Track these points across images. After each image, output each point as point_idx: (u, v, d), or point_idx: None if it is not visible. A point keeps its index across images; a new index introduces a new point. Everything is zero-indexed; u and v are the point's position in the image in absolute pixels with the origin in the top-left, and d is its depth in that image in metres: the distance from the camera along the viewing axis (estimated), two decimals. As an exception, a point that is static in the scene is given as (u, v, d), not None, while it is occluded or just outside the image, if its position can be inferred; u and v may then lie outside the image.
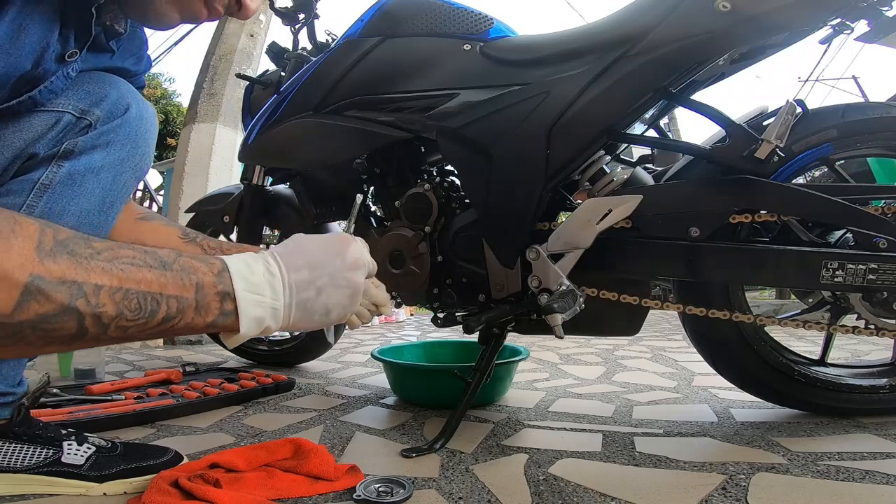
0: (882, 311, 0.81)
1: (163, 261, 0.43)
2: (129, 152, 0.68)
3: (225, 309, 0.45)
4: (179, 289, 0.42)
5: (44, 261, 0.35)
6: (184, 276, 0.43)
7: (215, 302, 0.44)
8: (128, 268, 0.40)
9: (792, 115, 0.81)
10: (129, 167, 0.69)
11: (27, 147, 0.62)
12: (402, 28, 0.95)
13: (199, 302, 0.43)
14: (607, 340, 2.22)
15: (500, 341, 0.95)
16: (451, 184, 1.06)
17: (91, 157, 0.64)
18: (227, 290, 0.45)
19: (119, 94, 0.68)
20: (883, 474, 0.69)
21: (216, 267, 0.46)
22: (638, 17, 0.82)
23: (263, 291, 0.47)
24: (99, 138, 0.65)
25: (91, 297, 0.37)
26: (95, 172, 0.65)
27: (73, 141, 0.63)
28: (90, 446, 0.70)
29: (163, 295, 0.41)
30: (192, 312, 0.43)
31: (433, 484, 0.69)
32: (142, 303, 0.40)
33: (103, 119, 0.66)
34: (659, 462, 0.76)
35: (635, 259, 0.86)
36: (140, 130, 0.70)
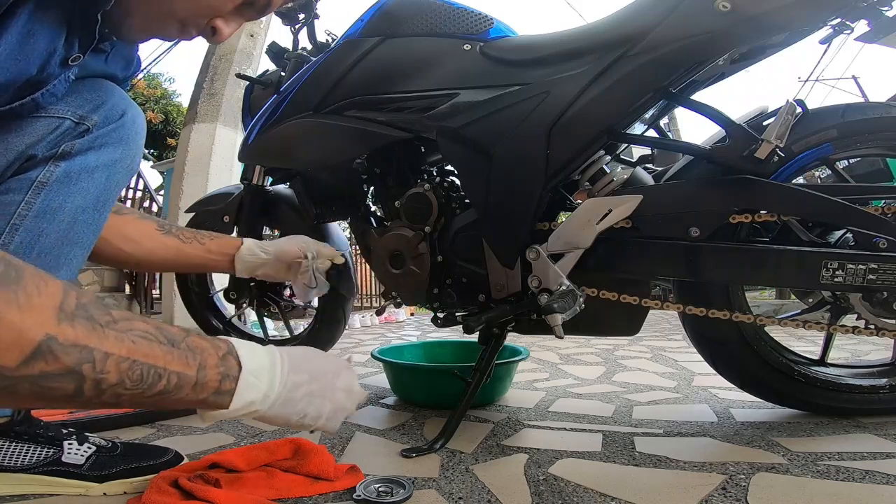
0: (882, 311, 0.81)
1: (172, 338, 0.45)
2: (122, 154, 0.71)
3: (222, 388, 0.48)
4: (183, 366, 0.45)
5: (61, 323, 0.37)
6: (189, 354, 0.46)
7: (214, 381, 0.47)
8: (139, 340, 0.42)
9: (792, 115, 0.81)
10: (122, 167, 0.72)
11: (27, 149, 0.64)
12: (402, 28, 0.95)
13: (199, 380, 0.46)
14: (607, 340, 2.22)
15: (500, 341, 0.95)
16: (451, 184, 1.06)
17: (86, 158, 0.67)
18: (228, 372, 0.48)
19: (115, 101, 0.71)
20: (883, 474, 0.69)
21: (221, 350, 0.49)
22: (638, 17, 0.82)
23: (261, 378, 0.51)
24: (94, 141, 0.68)
25: (98, 364, 0.39)
26: (90, 172, 0.67)
27: (70, 143, 0.66)
28: (90, 446, 0.71)
29: (166, 370, 0.43)
30: (188, 388, 0.45)
31: (433, 484, 0.69)
32: (144, 374, 0.42)
33: (100, 124, 0.68)
34: (659, 462, 0.76)
35: (635, 259, 0.86)
36: (133, 133, 0.73)
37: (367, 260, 1.12)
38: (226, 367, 0.48)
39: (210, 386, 0.47)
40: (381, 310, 1.25)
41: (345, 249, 1.43)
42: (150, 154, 11.26)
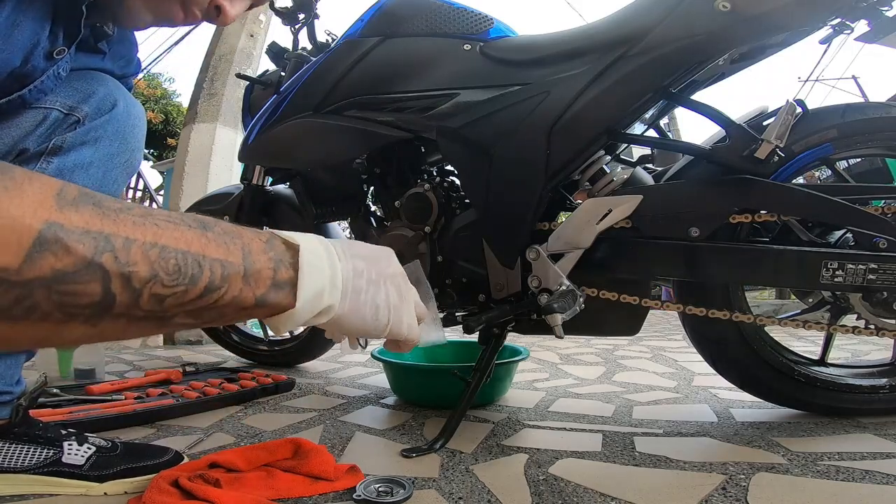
0: (882, 311, 0.81)
1: (202, 222, 0.36)
2: (118, 148, 0.68)
3: (279, 279, 0.38)
4: (224, 252, 0.35)
5: (63, 209, 0.29)
6: (227, 238, 0.36)
7: (267, 269, 0.37)
8: (164, 223, 0.33)
9: (792, 115, 0.81)
10: (119, 163, 0.68)
11: (17, 143, 0.62)
12: (401, 28, 0.95)
13: (247, 269, 0.36)
14: (607, 340, 2.22)
15: (500, 341, 0.95)
16: (451, 184, 1.06)
17: (80, 153, 0.64)
18: (280, 256, 0.38)
19: (106, 91, 0.68)
20: (883, 474, 0.69)
21: (263, 235, 0.39)
22: (638, 17, 0.82)
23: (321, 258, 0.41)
24: (87, 134, 0.65)
25: (120, 253, 0.30)
26: (85, 168, 0.65)
27: (61, 137, 0.63)
28: (90, 446, 0.70)
29: (205, 257, 0.34)
30: (240, 281, 0.36)
31: (433, 484, 0.69)
32: (181, 264, 0.33)
33: (91, 115, 0.65)
34: (659, 462, 0.76)
35: (635, 259, 0.86)
36: (128, 126, 0.69)
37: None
38: (275, 252, 0.38)
39: (264, 276, 0.37)
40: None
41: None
42: (150, 154, 11.27)
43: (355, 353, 1.97)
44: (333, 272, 0.41)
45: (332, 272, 0.41)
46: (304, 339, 1.58)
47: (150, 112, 11.28)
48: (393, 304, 0.47)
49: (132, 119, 0.70)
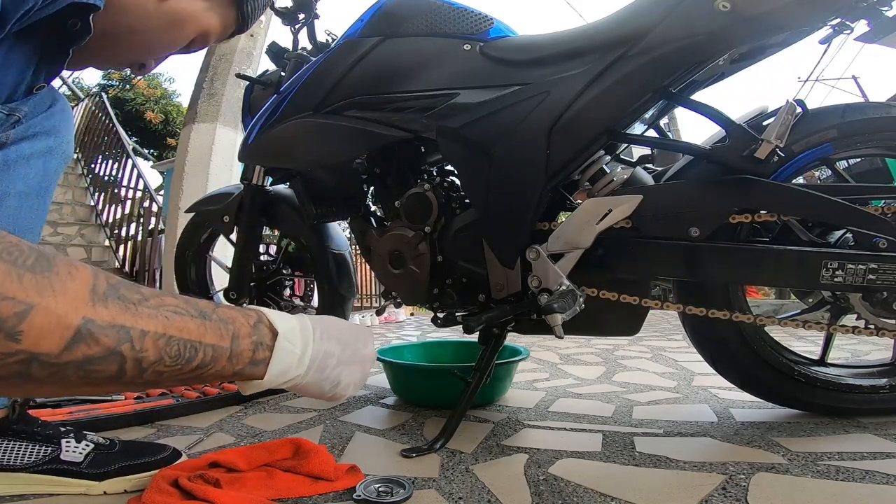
0: (882, 311, 0.81)
1: (203, 311, 0.45)
2: (54, 141, 0.73)
3: (256, 358, 0.47)
4: (217, 338, 0.45)
5: (96, 305, 0.37)
6: (222, 325, 0.45)
7: (248, 351, 0.47)
8: (172, 315, 0.42)
9: (792, 115, 0.81)
10: (57, 154, 0.74)
11: None
12: (401, 28, 0.95)
13: (233, 350, 0.46)
14: (607, 340, 2.22)
15: (500, 341, 0.95)
16: (451, 184, 1.06)
17: (20, 146, 0.69)
18: (261, 339, 0.48)
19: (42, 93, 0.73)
20: (883, 474, 0.69)
21: (252, 318, 0.49)
22: (638, 17, 0.82)
23: (295, 343, 0.50)
24: (27, 130, 0.70)
25: (136, 342, 0.39)
26: (26, 159, 0.70)
27: (4, 134, 0.68)
28: (88, 443, 0.71)
29: (202, 343, 0.43)
30: (224, 360, 0.45)
31: (433, 484, 0.69)
32: (182, 350, 0.42)
33: (29, 114, 0.70)
34: (659, 462, 0.76)
35: (635, 259, 0.86)
36: (62, 122, 0.75)
37: (367, 260, 1.12)
38: (258, 335, 0.48)
39: (245, 356, 0.46)
40: (381, 310, 1.25)
41: (345, 249, 1.44)
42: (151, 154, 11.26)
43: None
44: (304, 352, 0.51)
45: (302, 353, 0.51)
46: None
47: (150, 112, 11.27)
48: (354, 382, 0.57)
49: (65, 115, 0.77)
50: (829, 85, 8.39)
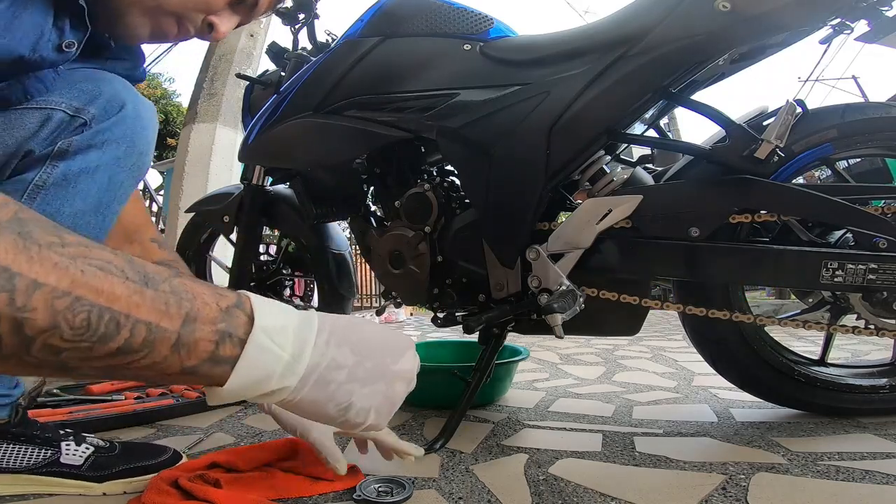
0: (882, 311, 0.81)
1: (147, 275, 0.33)
2: (125, 151, 0.67)
3: (220, 354, 0.35)
4: (158, 314, 0.32)
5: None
6: (171, 299, 0.33)
7: (207, 342, 0.34)
8: (92, 270, 0.30)
9: (792, 115, 0.81)
10: (126, 166, 0.68)
11: (22, 145, 0.61)
12: (401, 28, 0.95)
13: (181, 338, 0.33)
14: (607, 340, 2.22)
15: (500, 341, 0.95)
16: (451, 184, 1.06)
17: (86, 156, 0.63)
18: (231, 330, 0.35)
19: (114, 91, 0.67)
20: (883, 474, 0.69)
21: (228, 299, 0.36)
22: (638, 17, 0.82)
23: (284, 342, 0.37)
24: (94, 137, 0.64)
25: (19, 295, 0.27)
26: (90, 173, 0.64)
27: (67, 140, 0.63)
28: (88, 446, 0.70)
29: (129, 317, 0.31)
30: (167, 349, 0.33)
31: (433, 484, 0.69)
32: (92, 320, 0.30)
33: (98, 117, 0.65)
34: (659, 462, 0.76)
35: (635, 259, 0.86)
36: (137, 128, 0.68)
37: (367, 260, 1.12)
38: (229, 323, 0.35)
39: (201, 348, 0.34)
40: (381, 310, 1.25)
41: (345, 249, 1.44)
42: (150, 154, 11.25)
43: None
44: (297, 358, 0.37)
45: (294, 357, 0.37)
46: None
47: (150, 112, 11.24)
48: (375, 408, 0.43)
49: (141, 121, 0.69)
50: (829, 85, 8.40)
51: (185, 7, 0.62)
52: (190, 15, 0.63)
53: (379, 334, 0.45)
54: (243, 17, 0.70)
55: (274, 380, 0.37)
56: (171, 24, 0.63)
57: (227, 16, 0.67)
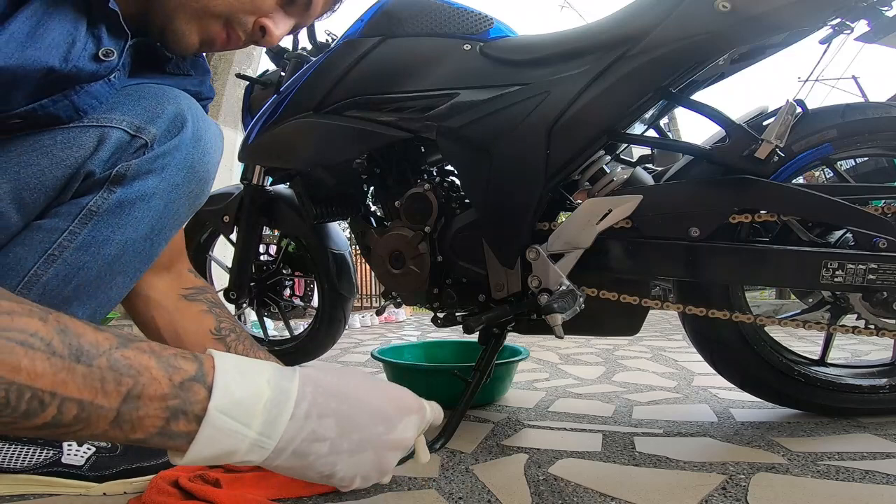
0: (882, 311, 0.81)
1: (80, 349, 0.32)
2: (184, 178, 0.63)
3: (170, 430, 0.34)
4: (90, 392, 0.31)
5: None
6: (107, 375, 0.32)
7: (155, 419, 0.33)
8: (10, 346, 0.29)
9: (792, 115, 0.81)
10: (184, 194, 0.64)
11: (81, 166, 0.58)
12: (401, 28, 0.95)
13: (122, 414, 0.33)
14: (607, 340, 2.22)
15: (500, 341, 0.95)
16: (451, 184, 1.06)
17: (144, 182, 0.60)
18: (186, 407, 0.34)
19: (177, 110, 0.63)
20: (883, 474, 0.69)
21: (184, 372, 0.35)
22: (638, 18, 0.82)
23: (251, 420, 0.36)
24: (154, 162, 0.60)
25: None
26: (146, 200, 0.60)
27: (126, 164, 0.59)
28: (90, 446, 0.70)
29: (55, 395, 0.30)
30: (104, 423, 0.32)
31: (433, 484, 0.69)
32: (11, 397, 0.29)
33: (159, 138, 0.61)
34: (659, 462, 0.76)
35: (635, 259, 0.86)
36: (198, 153, 0.64)
37: (367, 260, 1.12)
38: (183, 399, 0.34)
39: (147, 424, 0.33)
40: (381, 310, 1.25)
41: (345, 249, 1.44)
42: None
43: (356, 354, 1.97)
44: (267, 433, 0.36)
45: (261, 434, 0.36)
46: (304, 339, 1.58)
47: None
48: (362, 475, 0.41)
49: (203, 144, 0.65)
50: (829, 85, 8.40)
51: (233, 9, 0.60)
52: (238, 18, 0.61)
53: (374, 399, 0.42)
54: (298, 20, 0.67)
55: (239, 454, 0.36)
56: (219, 29, 0.61)
57: (279, 18, 0.64)
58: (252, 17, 0.62)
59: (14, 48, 0.50)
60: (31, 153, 0.56)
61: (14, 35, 0.50)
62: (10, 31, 0.50)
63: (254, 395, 0.36)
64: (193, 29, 0.60)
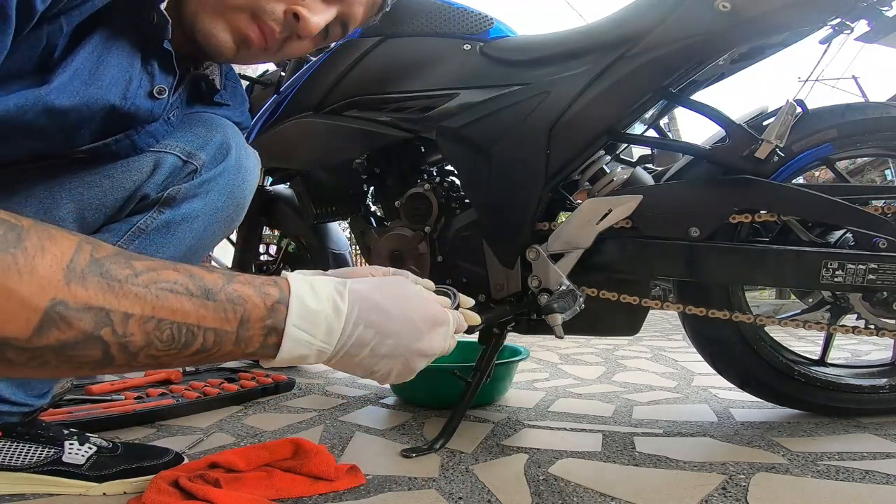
0: (882, 311, 0.81)
1: (206, 288, 0.39)
2: (224, 202, 0.67)
3: (268, 342, 0.42)
4: (220, 321, 0.39)
5: (70, 284, 0.33)
6: (228, 307, 0.40)
7: (258, 336, 0.41)
8: (165, 294, 0.37)
9: (792, 115, 0.81)
10: (223, 217, 0.68)
11: (139, 188, 0.62)
12: (402, 28, 0.95)
13: (240, 335, 0.40)
14: (607, 340, 2.22)
15: (500, 341, 0.95)
16: (451, 184, 1.06)
17: (190, 204, 0.64)
18: (276, 324, 0.42)
19: (223, 138, 0.67)
20: (883, 474, 0.69)
21: (271, 297, 0.42)
22: (638, 18, 0.82)
23: (316, 332, 0.43)
24: (200, 186, 0.65)
25: (118, 327, 0.35)
26: (190, 221, 0.65)
27: (177, 188, 0.63)
28: (91, 446, 0.71)
29: (200, 327, 0.38)
30: (230, 345, 0.40)
31: (433, 484, 0.69)
32: (175, 334, 0.37)
33: (207, 164, 0.65)
34: (659, 462, 0.76)
35: (635, 259, 0.86)
36: (237, 180, 0.69)
37: (367, 260, 1.12)
38: (274, 319, 0.42)
39: (255, 341, 0.41)
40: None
41: (345, 249, 1.44)
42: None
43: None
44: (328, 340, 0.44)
45: (326, 341, 0.44)
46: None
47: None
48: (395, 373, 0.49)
49: (242, 173, 0.69)
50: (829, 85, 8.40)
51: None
52: (264, 7, 0.59)
53: (409, 312, 0.49)
54: (340, 6, 0.64)
55: (310, 358, 0.45)
56: (248, 23, 0.59)
57: (315, 4, 0.61)
58: (281, 5, 0.59)
59: (78, 86, 0.52)
60: (94, 176, 0.61)
61: (78, 72, 0.52)
62: (74, 69, 0.51)
63: (317, 312, 0.43)
64: (220, 26, 0.59)
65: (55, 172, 0.61)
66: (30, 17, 0.45)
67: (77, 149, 0.58)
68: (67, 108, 0.52)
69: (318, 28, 0.62)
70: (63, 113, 0.52)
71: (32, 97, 0.50)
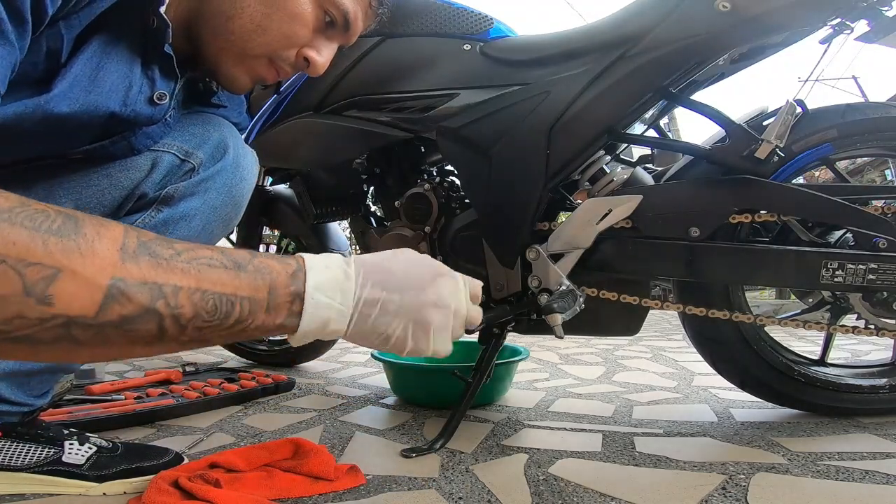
0: (882, 311, 0.81)
1: (237, 262, 0.42)
2: (222, 201, 0.68)
3: (293, 310, 0.44)
4: (252, 290, 0.42)
5: (126, 263, 0.36)
6: (258, 276, 0.43)
7: (286, 303, 0.44)
8: (205, 268, 0.40)
9: (792, 115, 0.81)
10: (221, 216, 0.69)
11: (136, 187, 0.63)
12: (401, 28, 0.95)
13: (270, 303, 0.43)
14: (607, 340, 2.22)
15: (500, 341, 0.95)
16: (451, 184, 1.06)
17: (188, 203, 0.65)
18: (298, 290, 0.44)
19: (220, 137, 0.68)
20: (883, 474, 0.69)
21: (291, 267, 0.45)
22: (638, 17, 0.82)
23: (333, 294, 0.46)
24: (198, 185, 0.66)
25: (170, 299, 0.38)
26: (188, 220, 0.66)
27: (175, 186, 0.64)
28: (91, 446, 0.71)
29: (237, 296, 0.41)
30: (262, 314, 0.43)
31: (433, 484, 0.69)
32: (217, 304, 0.40)
33: (205, 163, 0.66)
34: (659, 462, 0.76)
35: (635, 259, 0.86)
36: (236, 179, 0.69)
37: (367, 260, 1.12)
38: (297, 286, 0.44)
39: (283, 309, 0.43)
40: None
41: (345, 249, 1.44)
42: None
43: (356, 353, 1.96)
44: (344, 303, 0.46)
45: (342, 305, 0.46)
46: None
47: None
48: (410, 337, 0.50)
49: (240, 171, 0.70)
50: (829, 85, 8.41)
51: (271, 48, 0.61)
52: (280, 54, 0.62)
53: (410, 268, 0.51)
54: (342, 41, 0.67)
55: (332, 323, 0.46)
56: (265, 68, 0.63)
57: (321, 44, 0.65)
58: (293, 50, 0.63)
59: (78, 93, 0.52)
60: (92, 175, 0.62)
61: (78, 79, 0.52)
62: (74, 75, 0.52)
63: (332, 278, 0.46)
64: (241, 71, 0.63)
65: (54, 172, 0.62)
66: (41, 20, 0.45)
67: (74, 150, 0.59)
68: (67, 116, 0.52)
69: (325, 67, 0.66)
70: (62, 120, 0.52)
71: (32, 105, 0.50)
